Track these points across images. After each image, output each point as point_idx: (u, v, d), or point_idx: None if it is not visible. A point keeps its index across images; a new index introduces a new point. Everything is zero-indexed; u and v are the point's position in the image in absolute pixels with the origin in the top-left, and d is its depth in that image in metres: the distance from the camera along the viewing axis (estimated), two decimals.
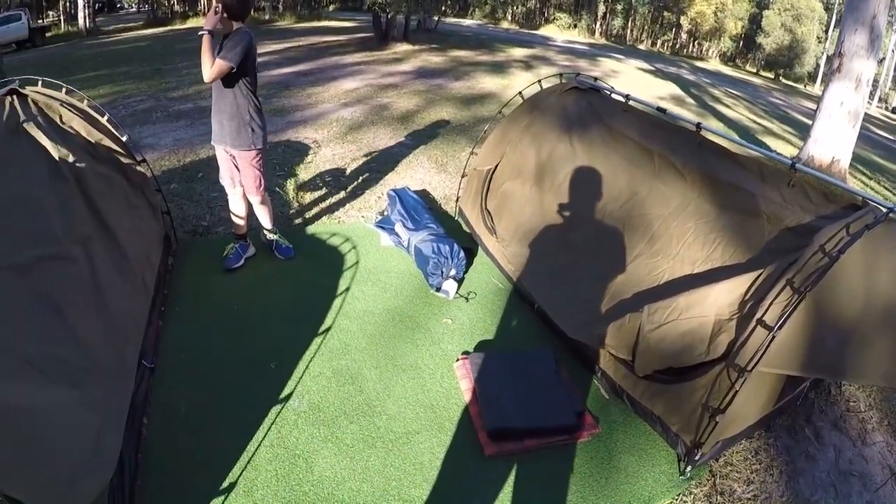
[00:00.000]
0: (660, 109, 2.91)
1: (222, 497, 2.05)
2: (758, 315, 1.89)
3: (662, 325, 2.14)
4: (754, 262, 2.10)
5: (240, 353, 2.73)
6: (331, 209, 4.37)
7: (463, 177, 4.02)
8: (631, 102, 3.04)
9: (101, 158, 2.83)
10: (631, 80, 11.69)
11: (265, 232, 3.56)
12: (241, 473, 2.14)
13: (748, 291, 2.02)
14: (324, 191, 4.69)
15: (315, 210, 4.34)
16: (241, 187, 3.24)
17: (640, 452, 2.26)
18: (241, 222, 3.39)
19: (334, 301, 3.22)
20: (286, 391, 2.55)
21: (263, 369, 2.66)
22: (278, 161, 5.22)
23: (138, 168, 3.12)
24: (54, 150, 2.46)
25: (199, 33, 2.72)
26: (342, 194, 4.65)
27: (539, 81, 3.65)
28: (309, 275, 3.44)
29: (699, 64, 21.33)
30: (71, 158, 2.53)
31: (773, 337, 1.80)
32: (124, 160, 3.00)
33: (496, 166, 3.56)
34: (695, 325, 2.08)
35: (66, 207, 2.32)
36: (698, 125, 2.59)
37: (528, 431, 2.20)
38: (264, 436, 2.31)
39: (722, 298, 2.06)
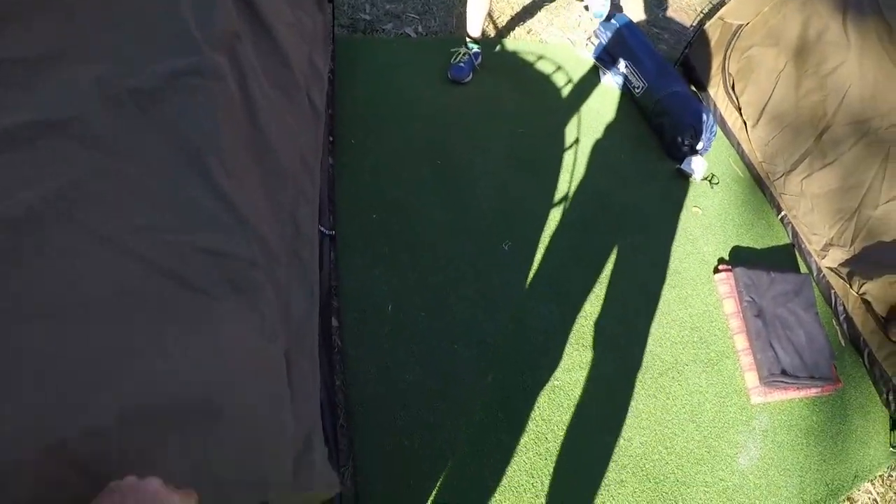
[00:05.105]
0: None
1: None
2: None
3: None
4: None
5: (452, 216, 2.05)
6: (524, 18, 3.15)
7: (700, 24, 3.08)
8: None
9: None
10: None
11: (468, 38, 2.53)
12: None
13: None
14: None
15: (507, 16, 3.12)
16: None
17: (868, 416, 2.09)
18: (482, 15, 2.42)
19: (564, 156, 2.35)
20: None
21: (493, 247, 2.01)
22: None
23: None
24: None
25: None
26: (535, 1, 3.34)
27: None
28: (525, 112, 2.52)
29: None
30: None
31: None
32: None
33: (748, 23, 2.89)
34: None
35: None
36: None
37: (794, 381, 2.01)
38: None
39: None
